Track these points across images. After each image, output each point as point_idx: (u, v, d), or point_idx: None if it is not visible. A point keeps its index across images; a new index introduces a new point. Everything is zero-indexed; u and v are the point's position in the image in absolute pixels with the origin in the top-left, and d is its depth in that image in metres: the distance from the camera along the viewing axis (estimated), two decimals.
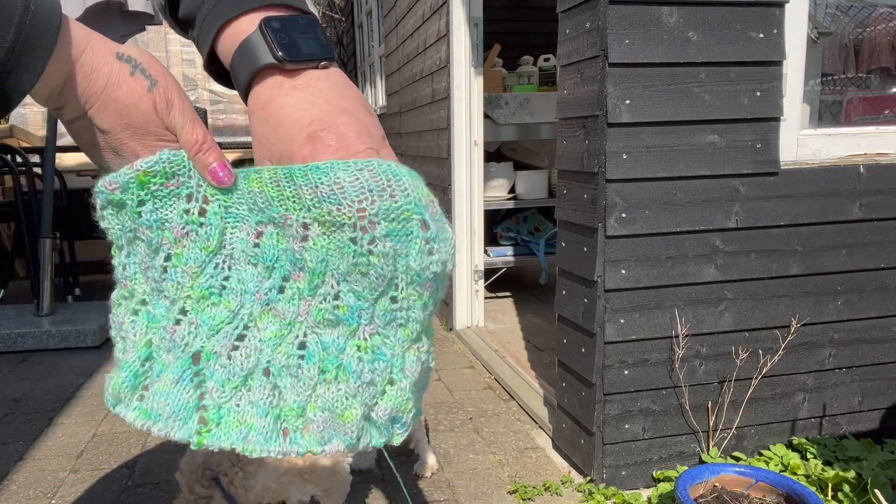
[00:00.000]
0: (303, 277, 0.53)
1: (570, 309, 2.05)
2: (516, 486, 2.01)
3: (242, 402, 0.53)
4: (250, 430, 0.52)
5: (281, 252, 0.53)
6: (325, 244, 0.51)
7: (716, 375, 2.00)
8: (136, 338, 0.56)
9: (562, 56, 2.02)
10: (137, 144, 0.53)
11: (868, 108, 2.92)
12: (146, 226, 0.54)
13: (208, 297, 0.54)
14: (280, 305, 0.54)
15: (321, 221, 0.50)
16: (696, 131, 1.87)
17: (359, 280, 0.50)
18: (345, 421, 0.52)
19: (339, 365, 0.52)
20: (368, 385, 0.53)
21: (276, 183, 0.51)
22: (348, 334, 0.52)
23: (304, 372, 0.53)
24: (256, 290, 0.54)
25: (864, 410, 2.16)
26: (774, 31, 1.86)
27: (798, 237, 1.98)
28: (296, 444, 0.53)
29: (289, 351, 0.53)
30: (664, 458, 2.03)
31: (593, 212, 1.87)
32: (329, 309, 0.52)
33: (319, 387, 0.53)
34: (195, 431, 0.53)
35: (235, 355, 0.53)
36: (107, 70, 0.50)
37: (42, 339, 3.46)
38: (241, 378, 0.53)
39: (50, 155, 3.75)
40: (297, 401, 0.53)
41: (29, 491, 2.07)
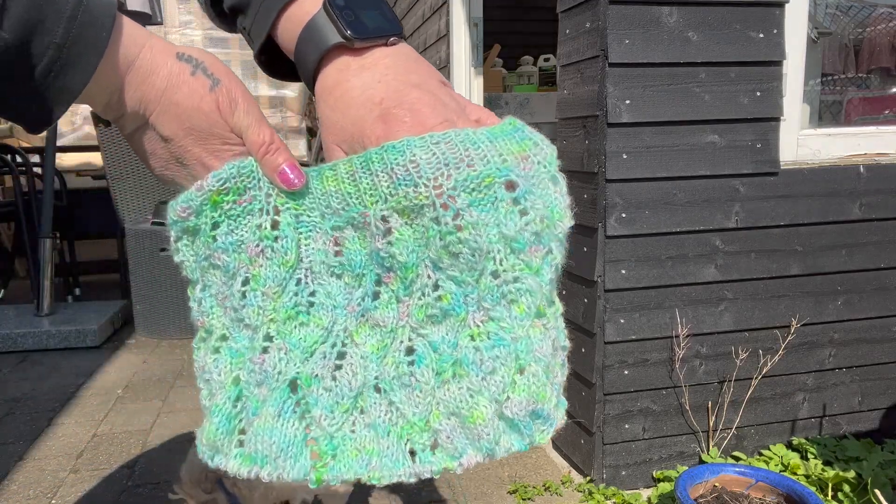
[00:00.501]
0: (395, 277, 0.48)
1: (570, 309, 2.05)
2: (516, 486, 2.01)
3: (357, 426, 0.48)
4: (372, 456, 0.48)
5: (366, 256, 0.49)
6: (410, 234, 0.46)
7: (716, 375, 2.00)
8: (221, 377, 0.51)
9: (562, 56, 2.02)
10: (202, 150, 0.49)
11: (868, 108, 2.92)
12: (222, 250, 0.50)
13: (295, 317, 0.50)
14: (378, 313, 0.48)
15: (400, 210, 0.46)
16: (696, 131, 1.87)
17: (454, 263, 0.45)
18: (475, 423, 0.46)
19: (455, 361, 0.47)
20: (492, 375, 0.46)
21: (352, 176, 0.47)
22: (458, 326, 0.47)
23: (417, 378, 0.47)
24: (347, 302, 0.49)
25: (864, 410, 2.16)
26: (774, 31, 1.86)
27: (798, 237, 1.98)
28: (427, 464, 0.48)
29: (396, 359, 0.48)
30: (664, 458, 2.03)
31: (593, 212, 1.87)
32: (431, 303, 0.47)
33: (438, 391, 0.47)
34: (311, 468, 0.48)
35: (340, 375, 0.48)
36: (166, 71, 0.47)
37: (42, 339, 3.46)
38: (350, 400, 0.48)
39: (50, 155, 3.75)
40: (417, 413, 0.47)
41: (29, 491, 2.07)
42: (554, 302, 0.50)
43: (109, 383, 2.96)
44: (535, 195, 0.46)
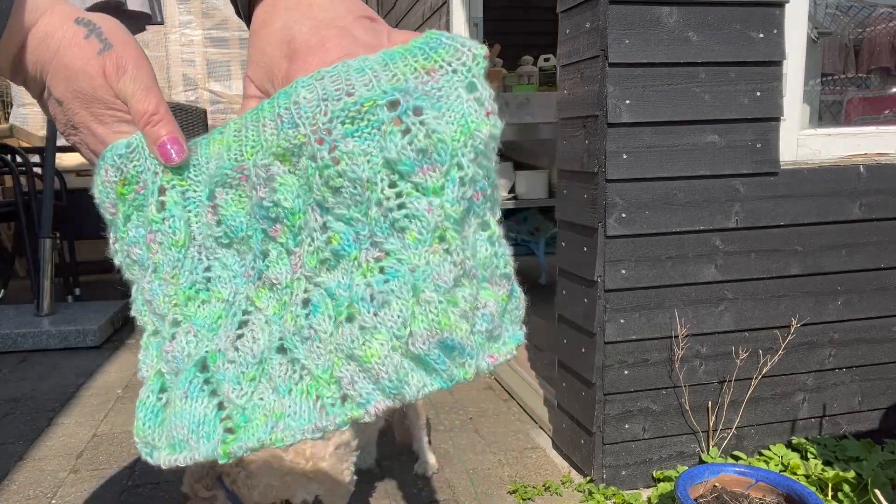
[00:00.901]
0: (282, 228, 0.46)
1: (570, 309, 2.05)
2: (516, 486, 2.01)
3: (265, 392, 0.46)
4: (279, 419, 0.45)
5: (246, 217, 0.47)
6: (293, 180, 0.44)
7: (716, 375, 2.00)
8: (147, 373, 0.50)
9: (562, 56, 2.02)
10: (87, 114, 0.49)
11: (868, 108, 2.92)
12: (133, 244, 0.50)
13: (195, 296, 0.49)
14: (271, 272, 0.47)
15: (281, 155, 0.44)
16: (695, 131, 1.87)
17: (338, 200, 0.43)
18: (371, 362, 0.43)
19: (349, 303, 0.44)
20: (385, 308, 0.43)
21: (238, 133, 0.46)
22: (352, 267, 0.44)
23: (315, 329, 0.45)
24: (243, 269, 0.48)
25: (864, 410, 2.16)
26: (774, 31, 1.86)
27: (798, 237, 1.98)
28: (332, 415, 0.44)
29: (294, 314, 0.46)
30: (664, 458, 2.03)
31: (593, 212, 1.87)
32: (321, 247, 0.44)
33: (335, 336, 0.44)
34: (218, 443, 0.46)
35: (241, 344, 0.47)
36: (61, 34, 0.48)
37: (42, 339, 3.46)
38: (255, 367, 0.46)
39: (50, 155, 3.75)
40: (321, 365, 0.45)
41: (29, 491, 2.07)
42: (460, 225, 0.44)
43: (109, 383, 2.96)
44: (432, 108, 0.42)
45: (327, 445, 1.46)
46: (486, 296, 0.45)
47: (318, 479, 1.47)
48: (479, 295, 0.45)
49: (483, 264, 0.46)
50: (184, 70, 8.09)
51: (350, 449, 1.55)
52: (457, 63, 0.43)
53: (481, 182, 0.44)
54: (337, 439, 1.50)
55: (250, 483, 1.34)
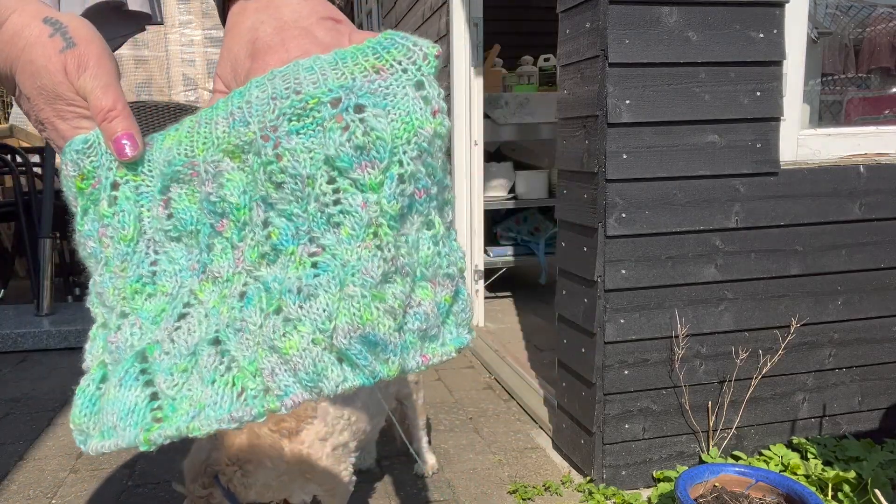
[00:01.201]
0: (228, 223, 0.47)
1: (570, 309, 2.05)
2: (516, 486, 2.01)
3: (195, 383, 0.46)
4: (200, 409, 0.45)
5: (196, 211, 0.48)
6: (241, 176, 0.45)
7: (716, 375, 2.00)
8: (90, 363, 0.51)
9: (562, 56, 2.02)
10: (51, 111, 0.51)
11: (868, 108, 2.92)
12: (87, 236, 0.51)
13: (142, 290, 0.49)
14: (214, 266, 0.47)
15: (230, 151, 0.45)
16: (696, 131, 1.87)
17: (281, 196, 0.44)
18: (289, 353, 0.43)
19: (279, 294, 0.44)
20: (311, 301, 0.43)
21: (191, 129, 0.47)
22: (289, 262, 0.45)
23: (246, 320, 0.45)
24: (189, 262, 0.49)
25: (864, 410, 2.16)
26: (774, 31, 1.86)
27: (798, 237, 1.98)
28: (250, 405, 0.44)
29: (230, 306, 0.46)
30: (664, 458, 2.03)
31: (593, 212, 1.87)
32: (262, 241, 0.45)
33: (263, 327, 0.45)
34: (140, 430, 0.46)
35: (177, 335, 0.47)
36: (28, 32, 0.49)
37: (42, 339, 3.46)
38: (187, 358, 0.46)
39: (50, 155, 3.75)
40: (247, 356, 0.45)
41: (29, 491, 2.07)
42: (394, 221, 0.44)
43: None
44: (375, 106, 0.42)
45: (324, 446, 1.46)
46: (422, 294, 0.46)
47: (316, 479, 1.48)
48: (414, 293, 0.45)
49: (424, 263, 0.46)
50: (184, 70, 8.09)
51: (349, 450, 1.55)
52: (407, 62, 0.43)
53: (424, 180, 0.44)
54: (334, 440, 1.50)
55: (246, 482, 1.34)
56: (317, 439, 1.45)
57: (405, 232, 0.45)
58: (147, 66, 7.99)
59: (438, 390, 2.81)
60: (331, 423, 1.51)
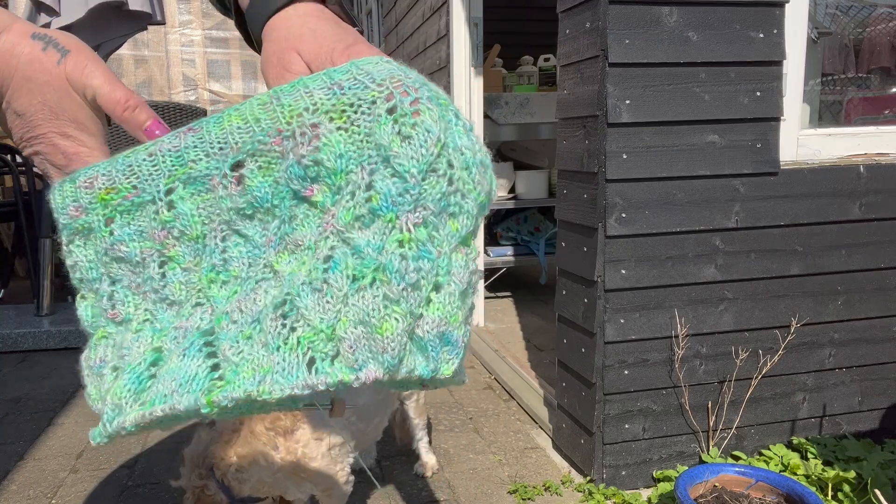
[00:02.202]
0: (320, 188, 0.46)
1: (570, 309, 2.05)
2: (516, 486, 2.01)
3: (256, 348, 0.45)
4: (266, 373, 0.44)
5: (272, 185, 0.47)
6: (343, 137, 0.44)
7: (716, 375, 2.00)
8: (140, 349, 0.50)
9: (562, 56, 2.02)
10: (51, 126, 0.51)
11: (868, 108, 2.92)
12: (121, 241, 0.51)
13: (216, 278, 0.49)
14: (296, 234, 0.47)
15: (335, 113, 0.45)
16: (696, 131, 1.87)
17: (402, 151, 0.43)
18: (383, 334, 0.43)
19: (378, 267, 0.43)
20: (413, 289, 0.43)
21: (267, 104, 0.47)
22: (387, 229, 0.43)
23: (330, 284, 0.44)
24: (264, 238, 0.48)
25: (864, 410, 2.16)
26: (774, 31, 1.86)
27: (798, 237, 1.98)
28: (323, 374, 0.43)
29: (312, 266, 0.45)
30: (664, 458, 2.03)
31: (593, 212, 1.87)
32: (361, 203, 0.44)
33: (352, 297, 0.43)
34: (202, 392, 0.45)
35: (245, 304, 0.47)
36: (19, 50, 0.50)
37: (42, 339, 3.46)
38: (251, 325, 0.46)
39: None
40: (326, 320, 0.43)
41: (29, 491, 2.07)
42: (474, 237, 0.47)
43: None
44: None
45: (320, 446, 1.46)
46: (470, 301, 0.48)
47: (312, 479, 1.48)
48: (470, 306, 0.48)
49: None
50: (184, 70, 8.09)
51: (346, 451, 1.55)
52: None
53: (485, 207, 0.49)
54: (331, 440, 1.50)
55: (240, 477, 1.35)
56: (312, 438, 1.45)
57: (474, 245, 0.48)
58: (147, 66, 7.99)
59: (438, 390, 2.81)
60: (329, 422, 1.51)
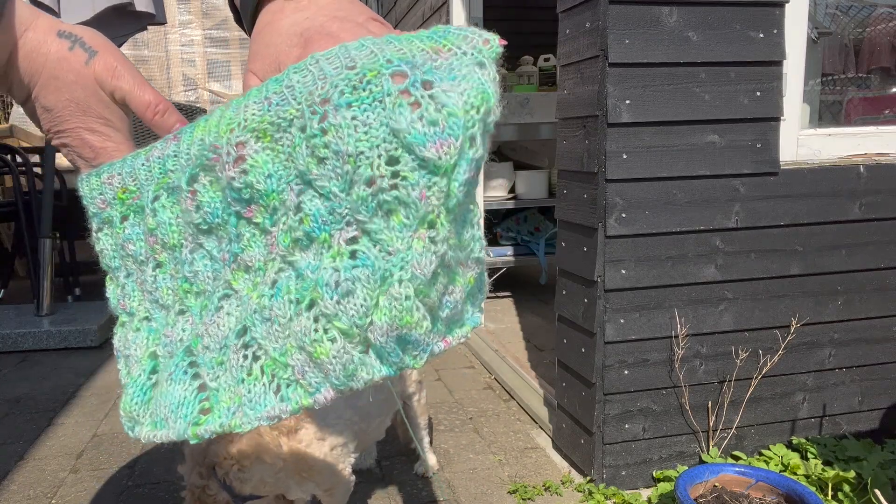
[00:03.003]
0: (258, 209, 0.44)
1: (570, 309, 2.05)
2: (516, 486, 2.01)
3: (228, 377, 0.46)
4: (239, 405, 0.45)
5: (220, 200, 0.46)
6: (268, 157, 0.43)
7: (716, 375, 2.00)
8: (138, 353, 0.53)
9: (562, 56, 2.02)
10: (78, 122, 0.52)
11: (868, 108, 2.92)
12: (129, 240, 0.53)
13: (189, 289, 0.51)
14: (245, 254, 0.46)
15: (261, 132, 0.43)
16: (696, 131, 1.87)
17: (322, 172, 0.41)
18: (319, 358, 0.42)
19: (313, 286, 0.42)
20: (348, 298, 0.40)
21: (220, 116, 0.46)
22: (323, 249, 0.42)
23: (276, 312, 0.43)
24: (220, 254, 0.48)
25: (864, 410, 2.16)
26: (774, 31, 1.86)
27: (798, 237, 1.98)
28: (286, 402, 0.44)
29: (260, 293, 0.45)
30: (664, 458, 2.03)
31: (593, 212, 1.87)
32: (294, 226, 0.42)
33: (293, 322, 0.43)
34: (188, 425, 0.47)
35: (212, 329, 0.47)
36: (46, 48, 0.51)
37: (42, 339, 3.46)
38: (220, 351, 0.46)
39: (50, 155, 3.75)
40: (278, 348, 0.44)
41: (29, 491, 2.07)
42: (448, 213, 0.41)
43: (109, 383, 2.96)
44: (443, 80, 0.39)
45: (322, 446, 1.46)
46: (455, 281, 0.44)
47: (314, 478, 1.48)
48: (450, 281, 0.43)
49: (461, 246, 0.43)
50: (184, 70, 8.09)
51: (348, 451, 1.56)
52: (467, 46, 0.40)
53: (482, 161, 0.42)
54: (333, 440, 1.50)
55: (242, 476, 1.35)
56: (315, 439, 1.45)
57: (455, 218, 0.42)
58: (147, 66, 7.99)
59: (438, 390, 2.81)
60: (331, 422, 1.51)
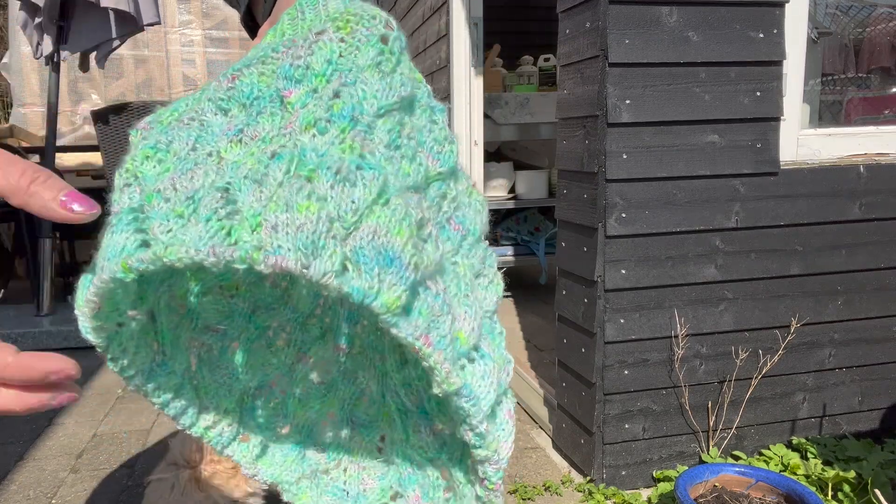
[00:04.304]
0: (299, 90, 0.46)
1: (570, 309, 2.05)
2: (516, 486, 2.01)
3: (189, 226, 0.41)
4: (185, 241, 0.40)
5: (261, 87, 0.47)
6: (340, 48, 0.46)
7: (716, 375, 2.00)
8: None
9: (562, 56, 2.02)
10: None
11: (868, 108, 2.92)
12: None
13: (152, 155, 0.46)
14: (256, 128, 0.46)
15: (343, 21, 0.46)
16: (696, 131, 1.87)
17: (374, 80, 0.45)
18: (301, 212, 0.39)
19: (316, 166, 0.41)
20: (345, 185, 0.40)
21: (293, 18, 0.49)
22: (336, 138, 0.42)
23: (269, 174, 0.42)
24: (223, 129, 0.47)
25: (864, 410, 2.16)
26: (774, 30, 1.86)
27: (798, 237, 1.98)
28: (234, 247, 0.39)
29: (256, 158, 0.43)
30: (664, 458, 2.03)
31: (593, 212, 1.87)
32: (323, 107, 0.44)
33: (284, 185, 0.41)
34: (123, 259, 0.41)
35: (180, 182, 0.44)
36: None
37: (42, 339, 3.46)
38: (185, 203, 0.42)
39: (50, 155, 3.75)
40: (255, 209, 0.41)
41: (29, 491, 2.07)
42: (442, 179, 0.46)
43: (109, 383, 2.96)
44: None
45: None
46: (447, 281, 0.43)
47: None
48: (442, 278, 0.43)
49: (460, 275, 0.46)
50: (184, 70, 8.08)
51: None
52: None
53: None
54: None
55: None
56: None
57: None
58: (147, 66, 7.98)
59: None
60: None
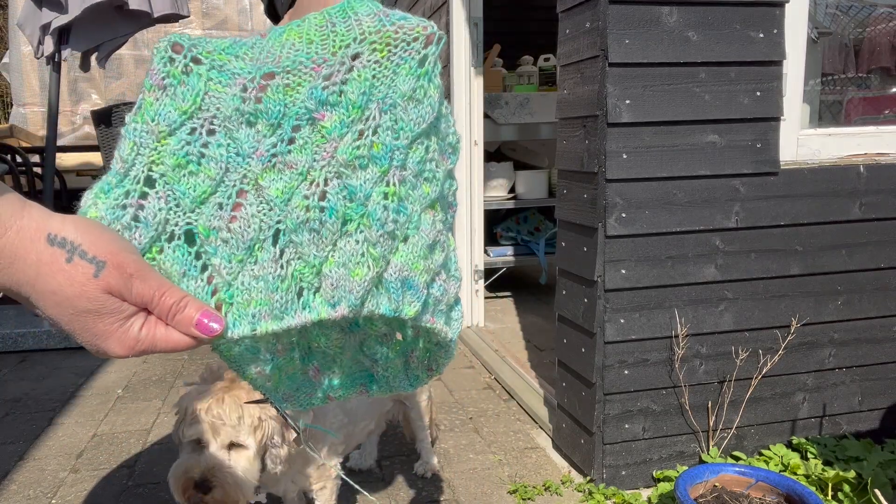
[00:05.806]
0: (332, 115, 0.48)
1: (570, 309, 2.05)
2: (516, 486, 2.01)
3: (248, 277, 0.48)
4: (262, 308, 0.47)
5: (288, 104, 0.48)
6: (373, 72, 0.48)
7: (716, 375, 2.00)
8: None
9: (562, 56, 2.02)
10: (103, 326, 0.45)
11: (868, 108, 2.92)
12: None
13: (185, 165, 0.48)
14: (291, 157, 0.48)
15: (381, 45, 0.48)
16: (696, 131, 1.87)
17: (409, 109, 0.48)
18: (354, 278, 0.48)
19: (364, 213, 0.48)
20: (389, 237, 0.49)
21: (321, 27, 0.49)
22: (377, 178, 0.48)
23: (326, 226, 0.48)
24: (254, 149, 0.48)
25: (864, 410, 2.16)
26: (774, 30, 1.86)
27: (798, 237, 1.98)
28: (307, 309, 0.48)
29: (308, 204, 0.48)
30: (664, 458, 2.03)
31: (593, 212, 1.87)
32: (365, 145, 0.48)
33: (340, 240, 0.48)
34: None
35: (235, 227, 0.48)
36: (35, 258, 0.43)
37: (42, 339, 3.46)
38: (244, 251, 0.48)
39: (50, 155, 3.75)
40: (318, 257, 0.48)
41: (29, 491, 2.07)
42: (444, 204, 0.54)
43: (109, 383, 2.96)
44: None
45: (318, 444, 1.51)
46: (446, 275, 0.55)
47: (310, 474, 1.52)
48: (442, 270, 0.54)
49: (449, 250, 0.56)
50: None
51: (339, 450, 1.60)
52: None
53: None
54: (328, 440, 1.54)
55: None
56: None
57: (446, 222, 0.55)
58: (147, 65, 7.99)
59: (438, 390, 2.80)
60: (328, 423, 1.53)
